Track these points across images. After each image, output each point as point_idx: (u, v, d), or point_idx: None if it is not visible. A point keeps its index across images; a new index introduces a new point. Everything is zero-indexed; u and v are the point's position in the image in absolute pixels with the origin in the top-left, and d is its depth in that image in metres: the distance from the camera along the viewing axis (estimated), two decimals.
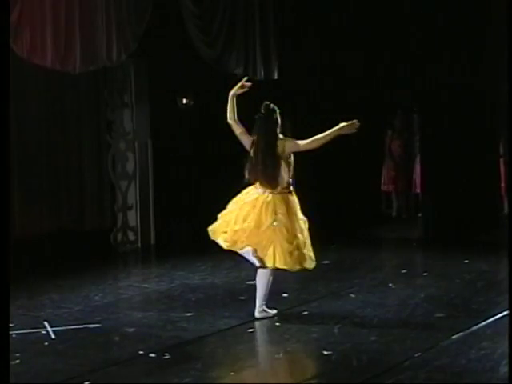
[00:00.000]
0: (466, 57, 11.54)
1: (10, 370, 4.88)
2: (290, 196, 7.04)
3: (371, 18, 12.30)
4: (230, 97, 7.16)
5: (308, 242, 7.01)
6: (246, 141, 7.13)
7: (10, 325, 6.39)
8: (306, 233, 7.04)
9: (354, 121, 6.94)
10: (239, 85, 7.20)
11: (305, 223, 7.07)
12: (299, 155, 7.25)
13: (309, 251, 6.99)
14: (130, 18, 9.57)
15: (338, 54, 12.40)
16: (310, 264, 7.03)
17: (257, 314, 7.04)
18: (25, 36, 8.36)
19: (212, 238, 7.18)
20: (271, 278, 7.04)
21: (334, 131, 6.96)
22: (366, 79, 12.66)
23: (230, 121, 7.17)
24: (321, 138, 7.01)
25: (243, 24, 11.07)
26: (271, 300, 7.22)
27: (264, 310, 7.07)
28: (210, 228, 7.19)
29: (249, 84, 7.25)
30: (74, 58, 8.88)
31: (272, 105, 7.13)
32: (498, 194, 12.69)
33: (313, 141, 7.05)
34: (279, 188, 7.00)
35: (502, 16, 11.35)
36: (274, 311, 7.13)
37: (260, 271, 7.04)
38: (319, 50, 12.39)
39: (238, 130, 7.16)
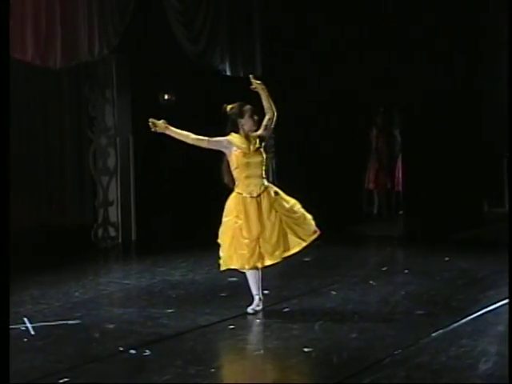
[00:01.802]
0: (449, 57, 11.59)
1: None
2: (238, 196, 6.99)
3: (357, 16, 12.30)
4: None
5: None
6: None
7: None
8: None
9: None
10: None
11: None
12: (285, 152, 7.21)
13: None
14: (112, 13, 9.53)
15: (321, 52, 12.40)
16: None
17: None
18: None
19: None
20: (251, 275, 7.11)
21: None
22: (349, 77, 12.67)
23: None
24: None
25: (227, 20, 11.04)
26: (251, 297, 7.21)
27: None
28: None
29: (258, 82, 7.13)
30: (54, 52, 8.84)
31: (229, 106, 7.07)
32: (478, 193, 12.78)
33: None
34: (235, 187, 7.02)
35: (489, 16, 11.44)
36: (252, 309, 7.13)
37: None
38: (304, 47, 12.39)
39: None
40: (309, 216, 7.15)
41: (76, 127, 11.25)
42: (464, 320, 6.73)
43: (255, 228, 6.92)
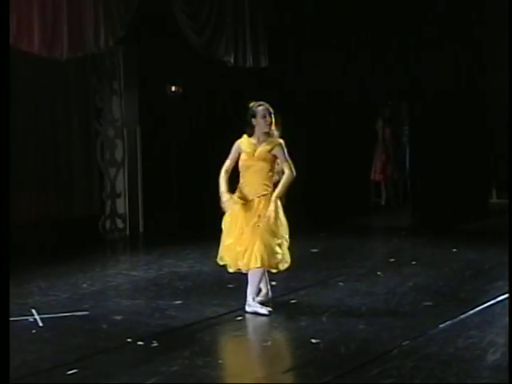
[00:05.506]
0: (455, 48, 11.57)
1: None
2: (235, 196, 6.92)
3: (367, 12, 12.25)
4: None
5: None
6: None
7: None
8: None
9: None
10: None
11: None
12: (292, 143, 7.12)
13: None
14: (118, 4, 9.52)
15: (329, 43, 12.37)
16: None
17: (246, 308, 6.90)
18: (12, 22, 8.29)
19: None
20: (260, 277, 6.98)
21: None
22: (356, 69, 12.64)
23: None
24: None
25: (232, 11, 11.02)
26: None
27: (253, 305, 6.91)
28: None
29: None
30: (61, 44, 8.84)
31: (251, 104, 6.95)
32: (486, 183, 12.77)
33: None
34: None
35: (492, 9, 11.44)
36: (267, 310, 6.88)
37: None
38: (311, 38, 12.35)
39: None
40: (284, 252, 6.94)
41: (83, 119, 11.25)
42: (472, 311, 6.73)
43: (236, 230, 6.86)
